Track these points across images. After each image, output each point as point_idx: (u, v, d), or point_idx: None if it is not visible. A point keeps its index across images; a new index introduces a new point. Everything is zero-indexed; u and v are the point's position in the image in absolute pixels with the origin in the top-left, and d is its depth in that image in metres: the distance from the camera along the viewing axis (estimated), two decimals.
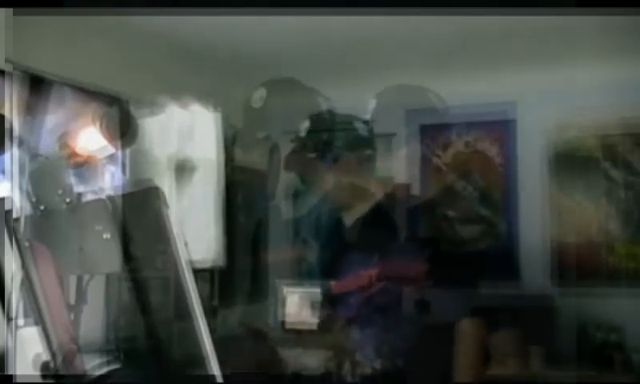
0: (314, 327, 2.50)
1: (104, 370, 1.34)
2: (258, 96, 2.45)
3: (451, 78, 3.87)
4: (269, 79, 2.62)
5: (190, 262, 1.21)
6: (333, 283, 2.17)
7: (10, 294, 1.34)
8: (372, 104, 2.22)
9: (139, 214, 1.30)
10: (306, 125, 2.17)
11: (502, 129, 4.05)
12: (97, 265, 1.37)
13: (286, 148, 2.27)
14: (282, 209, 3.96)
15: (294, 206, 4.06)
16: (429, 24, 3.08)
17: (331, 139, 2.13)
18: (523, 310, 3.54)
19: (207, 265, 1.74)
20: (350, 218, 2.16)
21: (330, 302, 2.20)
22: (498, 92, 3.85)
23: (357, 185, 2.14)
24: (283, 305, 3.94)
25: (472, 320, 2.06)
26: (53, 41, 2.82)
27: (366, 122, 2.19)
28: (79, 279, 1.42)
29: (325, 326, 2.26)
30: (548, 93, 3.75)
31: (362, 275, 2.05)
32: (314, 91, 2.77)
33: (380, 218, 2.11)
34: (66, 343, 1.30)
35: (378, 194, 2.18)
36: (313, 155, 2.14)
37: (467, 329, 2.02)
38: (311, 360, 2.32)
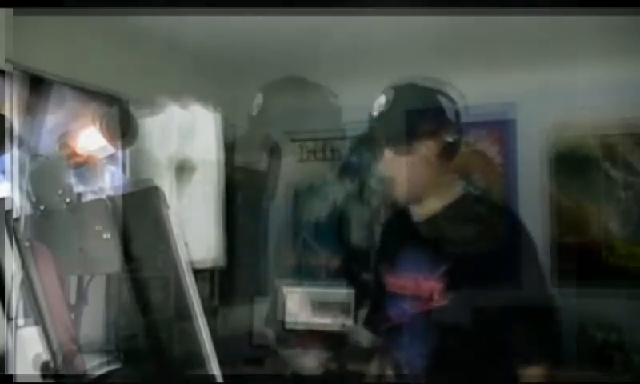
0: (318, 327, 2.37)
1: (104, 370, 1.34)
2: (256, 103, 2.34)
3: (451, 78, 3.87)
4: (273, 80, 2.46)
5: (190, 262, 1.21)
6: (388, 277, 1.87)
7: (10, 293, 1.34)
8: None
9: (139, 213, 1.30)
10: (380, 101, 1.79)
11: (502, 129, 4.05)
12: (97, 265, 1.37)
13: (358, 130, 1.90)
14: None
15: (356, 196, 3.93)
16: (428, 24, 3.08)
17: (404, 123, 1.75)
18: (523, 310, 3.54)
19: (207, 265, 1.73)
20: (420, 214, 1.83)
21: (381, 296, 1.90)
22: (497, 92, 3.85)
23: (433, 176, 1.79)
24: (283, 305, 3.95)
25: (540, 368, 1.74)
26: (53, 41, 2.82)
27: (453, 102, 1.83)
28: (79, 279, 1.42)
29: (371, 319, 2.02)
30: (548, 93, 3.75)
31: (421, 283, 1.74)
32: (322, 87, 2.57)
33: (455, 220, 1.77)
34: (66, 343, 1.31)
35: (454, 190, 1.84)
36: (381, 140, 1.78)
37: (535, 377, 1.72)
38: (312, 359, 2.27)
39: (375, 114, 1.81)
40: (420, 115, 1.78)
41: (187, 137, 1.78)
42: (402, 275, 1.82)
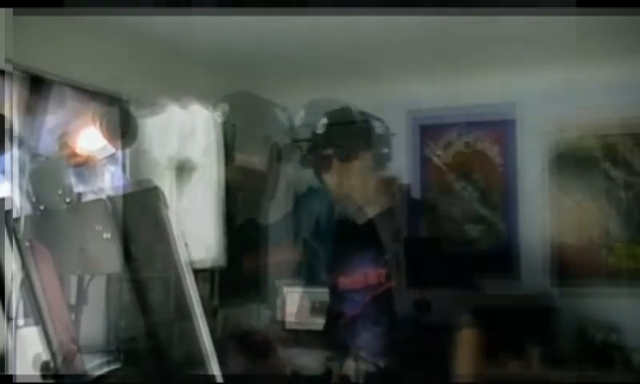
0: (318, 327, 2.50)
1: (104, 370, 1.34)
2: (221, 111, 2.44)
3: (452, 78, 3.87)
4: (226, 94, 2.63)
5: (190, 262, 1.21)
6: (340, 278, 2.16)
7: (10, 293, 1.34)
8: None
9: (139, 214, 1.30)
10: (323, 121, 2.14)
11: (502, 129, 4.05)
12: (97, 265, 1.37)
13: (303, 145, 2.23)
14: (289, 207, 3.95)
15: (305, 203, 4.05)
16: (429, 25, 3.08)
17: (348, 136, 2.12)
18: (523, 310, 3.54)
19: (207, 265, 1.74)
20: (362, 216, 2.15)
21: (335, 297, 2.20)
22: (497, 92, 3.85)
23: (371, 183, 2.13)
24: (283, 305, 3.95)
25: (471, 329, 2.00)
26: (53, 41, 2.82)
27: (382, 120, 2.18)
28: (79, 279, 1.42)
29: (330, 321, 2.27)
30: (548, 93, 3.75)
31: (370, 274, 2.06)
32: (270, 103, 2.82)
33: (393, 218, 2.11)
34: (66, 343, 1.31)
35: (390, 193, 2.18)
36: (329, 151, 2.10)
37: (466, 337, 1.99)
38: (312, 359, 2.31)
39: (319, 132, 2.12)
40: (357, 133, 2.12)
41: (187, 137, 1.79)
42: (352, 272, 2.10)
